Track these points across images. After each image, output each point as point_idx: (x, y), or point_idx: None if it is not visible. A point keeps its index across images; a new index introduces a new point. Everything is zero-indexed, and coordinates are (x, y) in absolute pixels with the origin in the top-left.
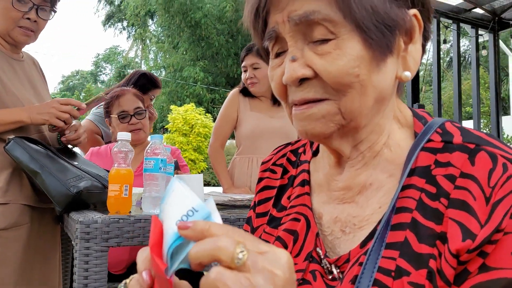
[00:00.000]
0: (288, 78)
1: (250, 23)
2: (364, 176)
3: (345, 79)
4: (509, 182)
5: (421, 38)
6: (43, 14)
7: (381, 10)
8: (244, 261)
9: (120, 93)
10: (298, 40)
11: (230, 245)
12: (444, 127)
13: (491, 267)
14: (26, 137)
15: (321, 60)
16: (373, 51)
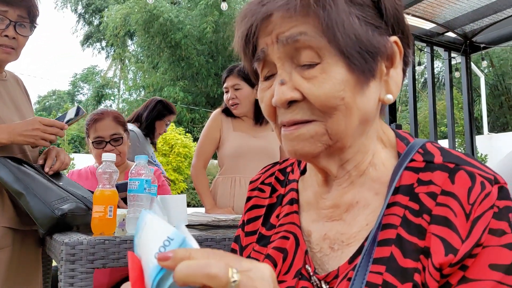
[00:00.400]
0: (278, 100)
1: (241, 47)
2: (351, 194)
3: (331, 102)
4: (487, 199)
5: (401, 63)
6: (22, 30)
7: (363, 38)
8: (238, 284)
9: (98, 117)
10: (286, 63)
11: (223, 272)
12: (426, 147)
13: (470, 278)
14: (11, 157)
15: (308, 84)
16: (357, 76)
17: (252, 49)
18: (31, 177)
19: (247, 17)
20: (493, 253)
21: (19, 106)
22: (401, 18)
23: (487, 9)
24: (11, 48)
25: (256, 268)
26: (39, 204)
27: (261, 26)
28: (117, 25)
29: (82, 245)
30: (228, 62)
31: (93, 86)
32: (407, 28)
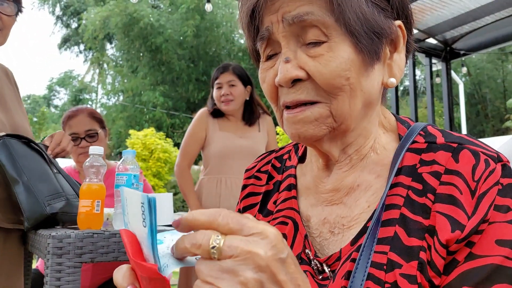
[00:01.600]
0: (282, 78)
1: (245, 24)
2: (352, 178)
3: (336, 81)
4: (492, 176)
5: (404, 48)
6: (4, 8)
7: (370, 18)
8: (219, 250)
9: (72, 114)
10: (291, 41)
11: (204, 241)
12: (427, 129)
13: (477, 255)
14: (18, 136)
15: (314, 62)
16: (363, 56)
17: (257, 25)
18: (32, 160)
19: None
20: (499, 229)
21: (4, 100)
22: (406, 3)
23: (467, 17)
24: None
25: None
26: (31, 197)
27: (267, 3)
28: (96, 28)
29: (69, 238)
30: (209, 67)
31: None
32: (411, 14)
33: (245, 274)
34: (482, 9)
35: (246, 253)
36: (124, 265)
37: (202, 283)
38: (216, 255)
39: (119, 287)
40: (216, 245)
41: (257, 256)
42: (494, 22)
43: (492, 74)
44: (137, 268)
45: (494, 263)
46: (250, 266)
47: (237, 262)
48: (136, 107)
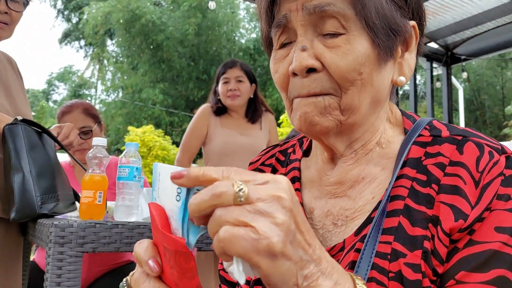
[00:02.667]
0: (297, 66)
1: (264, 9)
2: (356, 171)
3: (351, 75)
4: (496, 167)
5: (416, 49)
6: (15, 5)
7: (388, 14)
8: (246, 196)
9: (66, 110)
10: (308, 30)
11: (227, 187)
12: (432, 124)
13: (476, 241)
14: (34, 123)
15: (330, 53)
16: (379, 51)
17: (276, 11)
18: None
19: None
20: (499, 216)
21: (9, 88)
22: (421, 4)
23: (469, 22)
24: (3, 23)
25: (272, 179)
26: (27, 192)
27: None
28: (97, 23)
29: (72, 227)
30: (209, 66)
31: (70, 85)
32: (425, 16)
33: (278, 215)
34: (484, 14)
35: (272, 197)
36: (145, 239)
37: (233, 227)
38: (243, 198)
39: (140, 260)
40: (243, 188)
41: (282, 199)
42: (496, 28)
43: (491, 81)
44: (165, 240)
45: (492, 249)
46: (280, 207)
47: (267, 204)
48: (136, 104)
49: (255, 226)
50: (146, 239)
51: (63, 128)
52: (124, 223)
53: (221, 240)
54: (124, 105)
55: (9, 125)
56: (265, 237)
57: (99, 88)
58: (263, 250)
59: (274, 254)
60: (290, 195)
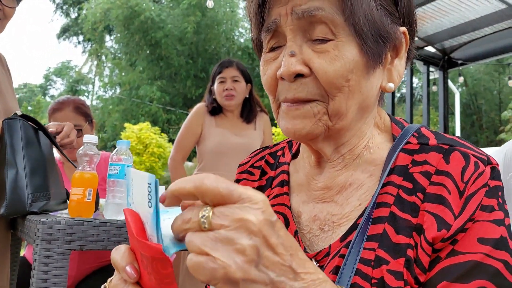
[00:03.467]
0: (285, 71)
1: (253, 12)
2: (344, 177)
3: (338, 81)
4: (481, 178)
5: (405, 55)
6: (7, 1)
7: (378, 21)
8: (209, 222)
9: (57, 107)
10: (298, 35)
11: (193, 214)
12: (420, 131)
13: (459, 251)
14: (32, 119)
15: (319, 59)
16: (367, 58)
17: (266, 14)
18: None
19: None
20: (482, 227)
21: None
22: (412, 10)
23: (466, 26)
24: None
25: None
26: (19, 189)
27: None
28: (96, 19)
29: (59, 224)
30: (208, 64)
31: (67, 81)
32: (416, 22)
33: (241, 242)
34: (481, 20)
35: (237, 221)
36: (122, 245)
37: (196, 255)
38: (206, 225)
39: (118, 266)
40: (206, 214)
41: (249, 222)
42: (493, 34)
43: (488, 86)
44: (140, 247)
45: (474, 260)
46: (244, 233)
47: (231, 230)
48: (133, 100)
49: (213, 255)
50: (124, 245)
51: (63, 127)
52: (112, 221)
53: (188, 266)
54: (121, 101)
55: (7, 119)
56: (222, 267)
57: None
58: (221, 279)
59: (235, 281)
60: (263, 216)
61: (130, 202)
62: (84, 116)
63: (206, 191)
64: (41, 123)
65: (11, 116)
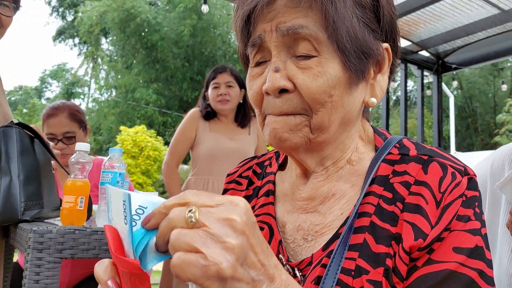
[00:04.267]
0: (269, 87)
1: (239, 28)
2: (327, 187)
3: (321, 97)
4: (457, 189)
5: (388, 70)
6: (5, 10)
7: (361, 37)
8: (196, 218)
9: (51, 113)
10: (282, 51)
11: (180, 211)
12: (402, 142)
13: (434, 260)
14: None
15: (302, 75)
16: (350, 74)
17: (251, 30)
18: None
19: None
20: (458, 237)
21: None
22: (395, 26)
23: (460, 31)
24: None
25: (227, 201)
26: (12, 198)
27: (264, 10)
28: (92, 22)
29: (51, 233)
30: (204, 67)
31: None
32: (399, 38)
33: (229, 240)
34: (474, 24)
35: (223, 220)
36: (105, 259)
37: (185, 253)
38: (193, 219)
39: (100, 280)
40: (193, 209)
41: (234, 221)
42: (486, 38)
43: (483, 89)
44: (119, 263)
45: (448, 269)
46: (231, 231)
47: (218, 228)
48: (129, 103)
49: (204, 253)
50: (106, 259)
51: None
52: (103, 229)
53: (174, 266)
54: (117, 104)
55: (3, 127)
56: (214, 263)
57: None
58: (212, 276)
59: (224, 279)
60: (246, 217)
61: (110, 218)
62: (78, 123)
63: (190, 202)
64: (37, 132)
65: (7, 124)
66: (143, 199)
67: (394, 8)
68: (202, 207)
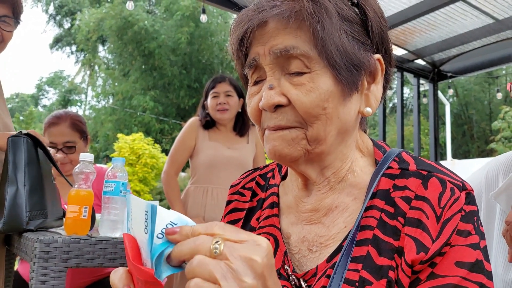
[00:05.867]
0: (265, 103)
1: (234, 51)
2: (330, 199)
3: (314, 111)
4: (456, 204)
5: (382, 80)
6: (5, 25)
7: (350, 52)
8: (221, 250)
9: (53, 121)
10: (276, 70)
11: (207, 240)
12: (401, 156)
13: (438, 274)
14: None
15: (296, 90)
16: (342, 87)
17: (245, 52)
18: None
19: (243, 22)
20: (459, 252)
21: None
22: (385, 37)
23: (455, 40)
24: None
25: (251, 240)
26: (17, 207)
27: (256, 33)
28: (90, 29)
29: (56, 243)
30: (201, 74)
31: (60, 90)
32: (391, 48)
33: (247, 279)
34: (469, 34)
35: (245, 258)
36: (121, 267)
37: (203, 281)
38: (218, 251)
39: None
40: (218, 245)
41: (255, 263)
42: (481, 47)
43: (479, 96)
44: (135, 271)
45: (452, 283)
46: (250, 271)
47: (239, 265)
48: (126, 110)
49: (222, 286)
50: (122, 267)
51: None
52: (108, 238)
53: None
54: (114, 111)
55: (12, 137)
56: None
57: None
58: None
59: None
60: (266, 259)
61: (129, 227)
62: (79, 133)
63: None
64: (42, 143)
65: (16, 133)
66: (177, 216)
67: (384, 20)
68: (228, 241)
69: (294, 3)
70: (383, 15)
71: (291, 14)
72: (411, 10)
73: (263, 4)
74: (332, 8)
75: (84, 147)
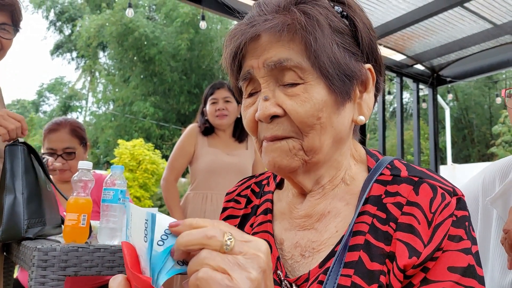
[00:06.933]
0: (261, 115)
1: (228, 64)
2: (323, 205)
3: (309, 120)
4: (447, 209)
5: (373, 89)
6: (5, 34)
7: (342, 62)
8: (232, 247)
9: (53, 128)
10: (271, 82)
11: (218, 233)
12: (393, 163)
13: (431, 280)
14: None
15: (290, 101)
16: (335, 96)
17: (238, 65)
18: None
19: (236, 36)
20: (451, 257)
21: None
22: (375, 47)
23: (453, 45)
24: None
25: (254, 241)
26: (16, 216)
27: (249, 46)
28: (90, 36)
29: (55, 251)
30: (201, 80)
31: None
32: (380, 57)
33: (253, 272)
34: (468, 39)
35: (252, 254)
36: (120, 275)
37: (212, 270)
38: (229, 248)
39: None
40: (230, 242)
41: (260, 259)
42: (480, 52)
43: (479, 100)
44: (133, 279)
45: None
46: (256, 266)
47: (247, 260)
48: (126, 116)
49: (231, 275)
50: (121, 275)
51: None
52: (106, 247)
53: (199, 278)
54: (115, 117)
55: (9, 145)
56: (237, 287)
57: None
58: None
59: None
60: (267, 258)
61: (128, 235)
62: (79, 139)
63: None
64: (37, 152)
65: (13, 142)
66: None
67: (372, 31)
68: (236, 238)
69: (286, 16)
70: (371, 26)
71: (283, 27)
72: (409, 16)
73: (255, 18)
74: (324, 20)
75: (84, 153)
